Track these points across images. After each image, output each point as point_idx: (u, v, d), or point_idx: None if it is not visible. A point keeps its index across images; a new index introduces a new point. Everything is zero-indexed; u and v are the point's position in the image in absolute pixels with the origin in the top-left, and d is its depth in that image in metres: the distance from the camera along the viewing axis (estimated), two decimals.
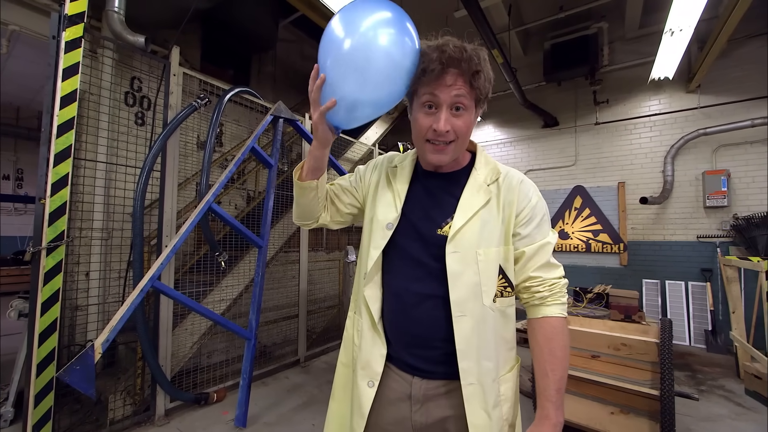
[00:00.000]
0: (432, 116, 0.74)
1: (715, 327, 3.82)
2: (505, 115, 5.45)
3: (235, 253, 2.93)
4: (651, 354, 1.80)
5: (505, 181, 0.80)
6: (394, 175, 0.88)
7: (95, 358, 1.61)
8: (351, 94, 0.73)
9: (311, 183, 0.84)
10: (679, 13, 2.86)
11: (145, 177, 2.12)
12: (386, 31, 0.71)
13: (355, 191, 0.94)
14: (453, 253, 0.75)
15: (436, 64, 0.70)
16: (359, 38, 0.70)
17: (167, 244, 2.19)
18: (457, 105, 0.73)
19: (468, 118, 0.75)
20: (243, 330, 2.33)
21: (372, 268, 0.82)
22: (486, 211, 0.77)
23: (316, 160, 0.83)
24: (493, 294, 0.75)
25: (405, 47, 0.72)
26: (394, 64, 0.71)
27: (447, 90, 0.72)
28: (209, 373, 2.67)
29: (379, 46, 0.70)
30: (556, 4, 4.27)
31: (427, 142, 0.77)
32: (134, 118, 2.96)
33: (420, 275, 0.78)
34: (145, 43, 2.26)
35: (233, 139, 3.86)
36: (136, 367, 2.28)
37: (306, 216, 0.91)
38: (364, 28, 0.70)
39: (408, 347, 0.79)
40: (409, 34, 0.73)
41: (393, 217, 0.82)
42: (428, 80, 0.72)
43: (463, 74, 0.71)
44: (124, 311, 1.73)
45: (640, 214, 4.44)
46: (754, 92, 3.84)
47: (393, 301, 0.81)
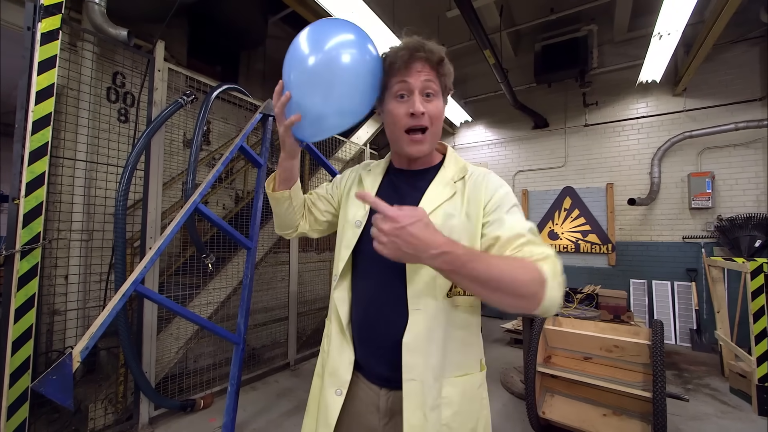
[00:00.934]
0: (405, 104, 0.75)
1: (699, 326, 3.90)
2: (496, 116, 5.47)
3: (223, 255, 2.85)
4: (643, 356, 1.81)
5: (472, 177, 0.80)
6: (367, 176, 0.89)
7: (73, 367, 1.53)
8: (314, 108, 0.76)
9: (284, 193, 0.87)
10: (668, 16, 2.90)
11: (128, 176, 2.03)
12: (348, 51, 0.74)
13: (331, 198, 0.95)
14: None
15: (404, 52, 0.74)
16: (323, 56, 0.73)
17: (151, 246, 2.11)
18: (427, 91, 0.76)
19: (439, 104, 0.77)
20: (231, 334, 2.26)
21: (343, 269, 0.81)
22: (450, 204, 0.76)
23: (286, 171, 0.86)
24: (447, 289, 0.72)
25: (365, 59, 0.75)
26: (356, 77, 0.75)
27: (417, 75, 0.74)
28: (196, 378, 2.59)
29: (341, 64, 0.73)
30: (547, 5, 4.29)
31: (406, 134, 0.77)
32: (117, 115, 2.85)
33: (386, 275, 0.76)
34: (128, 36, 2.17)
35: (221, 137, 3.76)
36: (119, 374, 2.19)
37: (284, 225, 0.93)
38: (328, 46, 0.74)
39: (375, 353, 0.77)
40: (368, 51, 0.77)
41: (361, 214, 0.82)
42: (398, 69, 0.75)
43: (429, 61, 0.75)
44: (104, 317, 1.65)
45: (627, 215, 4.50)
46: (737, 96, 3.93)
47: (360, 304, 0.80)
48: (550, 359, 2.11)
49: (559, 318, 2.25)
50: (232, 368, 2.25)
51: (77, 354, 1.54)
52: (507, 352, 3.69)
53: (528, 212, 5.15)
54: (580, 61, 4.40)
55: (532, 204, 5.15)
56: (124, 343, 2.01)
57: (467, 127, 5.70)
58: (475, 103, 5.52)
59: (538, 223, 5.07)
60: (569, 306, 3.01)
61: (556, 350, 2.12)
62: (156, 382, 2.30)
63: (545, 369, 1.99)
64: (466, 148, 5.70)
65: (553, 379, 2.04)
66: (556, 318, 2.23)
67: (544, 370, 1.99)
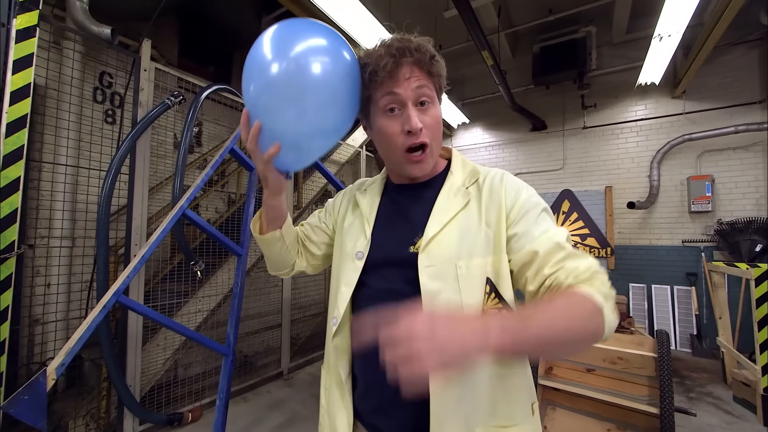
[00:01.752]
0: (398, 119, 0.63)
1: (700, 331, 3.85)
2: (494, 118, 5.41)
3: (214, 261, 2.76)
4: (648, 368, 1.74)
5: (486, 180, 0.68)
6: (362, 198, 0.77)
7: (48, 385, 1.44)
8: (290, 131, 0.63)
9: (274, 234, 0.75)
10: (669, 18, 2.85)
11: (111, 180, 1.94)
12: (318, 59, 0.62)
13: (325, 226, 0.84)
14: (427, 267, 0.61)
15: (387, 59, 0.61)
16: (288, 65, 0.61)
17: (136, 253, 2.02)
18: (421, 99, 0.63)
19: (436, 112, 0.66)
20: (220, 346, 2.16)
21: (345, 311, 0.69)
22: (465, 215, 0.64)
23: (274, 209, 0.73)
24: (479, 311, 0.60)
25: (339, 64, 0.63)
26: (332, 86, 0.62)
27: (406, 84, 0.62)
28: (185, 388, 2.49)
29: (310, 76, 0.61)
30: (545, 7, 4.24)
31: (405, 153, 0.65)
32: (103, 116, 2.75)
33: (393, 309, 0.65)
34: (112, 34, 2.08)
35: (213, 139, 3.67)
36: (101, 388, 2.09)
37: (279, 266, 0.82)
38: (294, 53, 0.61)
39: (379, 409, 0.65)
40: (340, 55, 0.64)
41: (362, 244, 0.70)
42: (382, 80, 0.62)
43: (418, 63, 0.62)
44: (83, 330, 1.56)
45: (626, 218, 4.45)
46: (737, 99, 3.89)
47: (363, 352, 0.66)
48: (552, 371, 2.04)
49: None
50: (221, 381, 2.15)
51: (52, 371, 1.45)
52: None
53: None
54: (579, 62, 4.35)
55: None
56: (106, 355, 1.92)
57: (465, 129, 5.64)
58: (472, 105, 5.45)
59: None
60: None
61: (557, 362, 2.05)
62: (142, 394, 2.21)
63: (547, 382, 1.92)
64: (463, 150, 5.63)
65: (555, 392, 1.96)
66: None
67: (546, 383, 1.92)
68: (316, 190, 3.72)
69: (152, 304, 2.36)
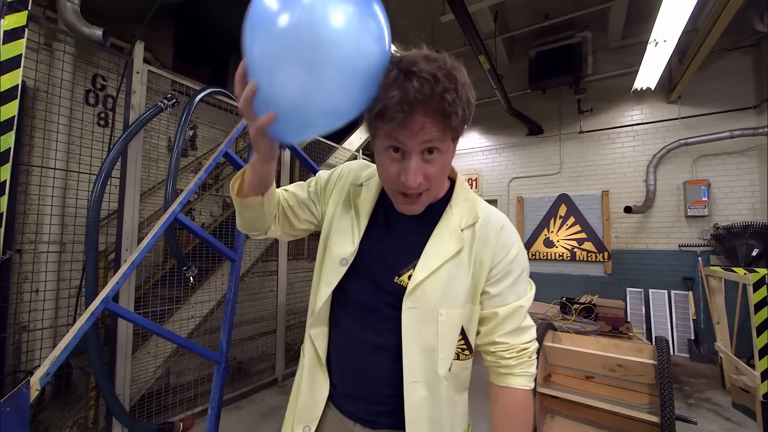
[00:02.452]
0: (399, 163, 0.59)
1: (697, 336, 3.84)
2: (491, 122, 5.42)
3: (207, 266, 2.71)
4: (648, 376, 1.71)
5: (483, 228, 0.67)
6: (357, 198, 0.74)
7: (31, 396, 1.39)
8: (290, 100, 0.53)
9: (255, 199, 0.68)
10: (664, 23, 2.86)
11: (101, 184, 1.89)
12: (343, 7, 0.49)
13: (313, 205, 0.80)
14: (410, 309, 0.64)
15: (397, 111, 0.53)
16: (301, 17, 0.48)
17: (126, 259, 1.97)
18: (429, 147, 0.58)
19: (443, 161, 0.61)
20: (212, 353, 2.12)
21: (321, 307, 0.71)
22: (455, 263, 0.65)
23: (260, 176, 0.66)
24: (450, 362, 0.66)
25: (367, 38, 0.51)
26: (353, 63, 0.51)
27: (414, 137, 0.56)
28: (178, 395, 2.43)
29: (331, 30, 0.48)
30: (541, 12, 4.27)
31: (398, 193, 0.64)
32: (96, 119, 2.71)
33: (372, 321, 0.68)
34: (104, 36, 2.04)
35: (209, 142, 3.63)
36: (89, 397, 2.03)
37: (252, 228, 0.76)
38: (307, 2, 0.48)
39: (353, 398, 0.71)
40: (376, 19, 0.52)
41: (348, 252, 0.69)
42: (390, 120, 0.55)
43: (429, 114, 0.55)
44: (69, 339, 1.51)
45: (623, 222, 4.45)
46: (731, 104, 3.92)
47: (341, 344, 0.72)
48: (550, 378, 2.01)
49: (558, 334, 2.15)
50: (214, 389, 2.11)
51: (36, 381, 1.40)
52: None
53: (523, 219, 5.09)
54: (575, 67, 4.37)
55: (527, 211, 5.09)
56: (95, 364, 1.86)
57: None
58: None
59: (534, 231, 5.00)
60: (568, 319, 2.92)
61: (556, 368, 2.02)
62: (132, 403, 2.15)
63: (545, 389, 1.89)
64: (460, 154, 5.63)
65: (553, 399, 1.93)
66: (555, 334, 2.13)
67: (545, 390, 1.89)
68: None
69: (143, 310, 2.30)
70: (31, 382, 1.38)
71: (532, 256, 4.91)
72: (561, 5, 4.11)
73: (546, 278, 4.82)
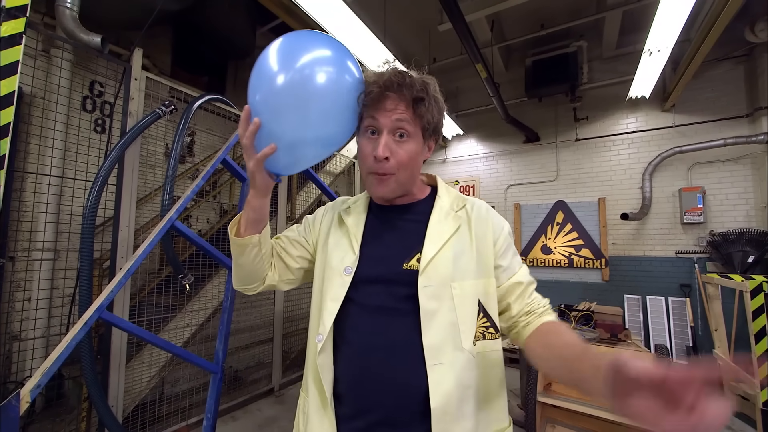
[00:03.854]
0: (373, 143, 0.68)
1: (695, 343, 3.83)
2: (488, 130, 5.46)
3: (203, 273, 2.69)
4: None
5: (473, 210, 0.74)
6: (347, 216, 0.78)
7: (21, 409, 1.35)
8: (289, 135, 0.65)
9: (252, 238, 0.70)
10: (658, 34, 2.91)
11: (97, 191, 1.88)
12: (324, 69, 0.66)
13: (305, 241, 0.81)
14: (426, 287, 0.65)
15: (375, 87, 0.67)
16: (294, 75, 0.64)
17: (122, 266, 1.95)
18: (399, 131, 0.67)
19: (411, 147, 0.68)
20: (208, 363, 2.08)
21: (330, 327, 0.67)
22: (457, 239, 0.70)
23: (256, 210, 0.70)
24: (473, 335, 0.65)
25: (344, 81, 0.67)
26: (334, 100, 0.66)
27: (387, 114, 0.67)
28: (172, 405, 2.39)
29: (316, 84, 0.65)
30: (537, 21, 4.33)
31: (371, 174, 0.70)
32: (93, 126, 2.70)
33: (386, 325, 0.66)
34: (102, 43, 2.04)
35: (206, 149, 3.62)
36: (81, 409, 1.99)
37: (249, 278, 0.75)
38: (300, 64, 0.64)
39: (374, 426, 0.63)
40: (348, 70, 0.69)
41: (351, 259, 0.71)
42: (369, 104, 0.68)
43: (403, 99, 0.67)
44: (62, 349, 1.48)
45: (620, 229, 4.47)
46: (725, 113, 3.97)
47: (349, 369, 0.66)
48: (551, 387, 1.99)
49: None
50: (209, 399, 2.07)
51: (26, 393, 1.37)
52: None
53: (520, 226, 5.10)
54: (570, 76, 4.42)
55: (524, 218, 5.10)
56: (87, 374, 1.82)
57: (459, 141, 5.67)
58: (466, 117, 5.50)
59: (531, 238, 5.01)
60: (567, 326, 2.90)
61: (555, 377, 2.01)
62: (125, 414, 2.11)
63: (546, 399, 1.87)
64: (458, 161, 5.65)
65: (554, 409, 1.91)
66: None
67: (545, 399, 1.87)
68: (310, 201, 3.68)
69: (138, 318, 2.27)
70: (22, 394, 1.35)
71: (530, 262, 4.91)
72: (556, 15, 4.17)
73: (544, 285, 4.82)
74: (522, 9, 3.83)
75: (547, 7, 4.06)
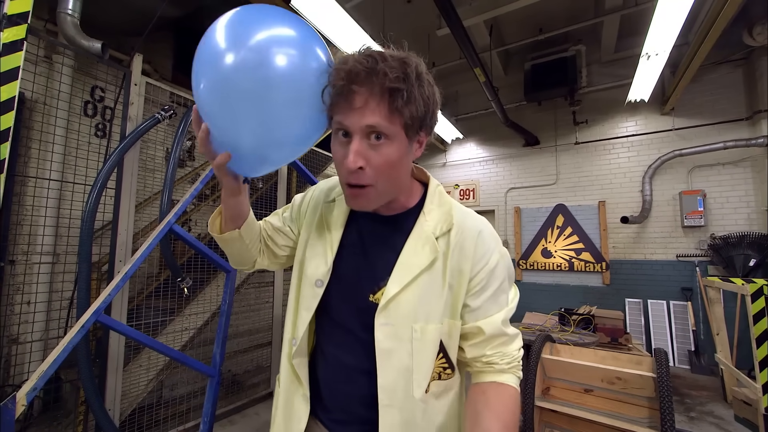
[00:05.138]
0: (345, 148, 0.56)
1: (698, 347, 3.80)
2: (487, 133, 5.47)
3: (202, 277, 2.69)
4: (648, 389, 1.69)
5: (459, 235, 0.63)
6: (329, 215, 0.72)
7: (17, 412, 1.35)
8: (243, 140, 0.55)
9: (232, 234, 0.69)
10: (655, 38, 2.92)
11: (96, 194, 1.89)
12: (286, 51, 0.53)
13: (290, 231, 0.79)
14: (384, 325, 0.61)
15: (338, 80, 0.53)
16: (247, 57, 0.51)
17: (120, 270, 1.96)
18: (375, 133, 0.54)
19: (391, 151, 0.55)
20: (205, 366, 2.08)
21: (303, 333, 0.68)
22: (428, 275, 0.62)
23: (231, 209, 0.67)
24: (427, 383, 0.62)
25: (309, 68, 0.55)
26: (298, 90, 0.54)
27: (356, 115, 0.53)
28: (170, 409, 2.38)
29: (276, 69, 0.52)
30: (536, 26, 4.35)
31: (345, 185, 0.59)
32: (94, 130, 2.72)
33: (351, 345, 0.66)
34: (102, 49, 2.07)
35: None
36: (78, 413, 1.98)
37: (240, 262, 0.78)
38: (254, 41, 0.51)
39: (343, 423, 0.68)
40: (314, 54, 0.56)
41: (322, 272, 0.67)
42: (334, 102, 0.55)
43: (375, 93, 0.52)
44: (58, 352, 1.48)
45: (620, 232, 4.46)
46: (724, 116, 3.97)
47: (326, 369, 0.69)
48: (549, 391, 1.98)
49: (557, 346, 2.13)
50: (206, 403, 2.06)
51: (22, 397, 1.37)
52: None
53: (520, 230, 5.08)
54: (569, 80, 4.44)
55: (524, 221, 5.09)
56: (84, 378, 1.82)
57: (459, 144, 5.69)
58: (466, 121, 5.52)
59: (531, 241, 5.00)
60: (566, 330, 2.89)
61: (555, 381, 1.99)
62: (122, 418, 2.10)
63: (544, 403, 1.86)
64: (457, 165, 5.66)
65: (552, 413, 1.90)
66: (554, 346, 2.11)
67: (543, 404, 1.85)
68: None
69: (136, 322, 2.27)
70: (17, 397, 1.35)
71: (530, 266, 4.90)
72: (555, 20, 4.20)
73: (544, 289, 4.80)
74: (520, 14, 3.86)
75: (546, 12, 4.08)
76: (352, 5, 3.54)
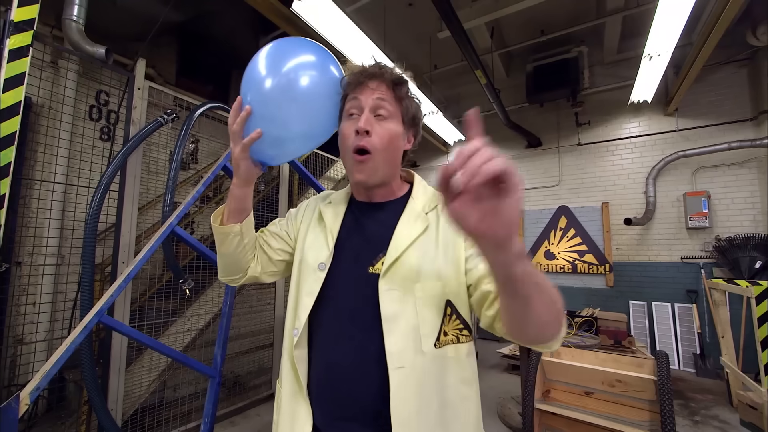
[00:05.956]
0: (355, 122, 0.69)
1: (703, 350, 3.75)
2: (489, 135, 5.37)
3: (204, 278, 2.71)
4: (648, 392, 1.67)
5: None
6: (327, 211, 0.78)
7: (20, 411, 1.38)
8: (275, 130, 0.71)
9: (233, 227, 0.73)
10: (658, 38, 2.91)
11: (100, 197, 1.92)
12: (308, 72, 0.72)
13: (286, 235, 0.82)
14: (387, 291, 0.64)
15: (358, 76, 0.70)
16: (280, 79, 0.70)
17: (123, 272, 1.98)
18: (379, 111, 0.69)
19: (390, 128, 0.69)
20: (206, 367, 2.10)
21: (304, 324, 0.70)
22: (424, 240, 0.68)
23: (238, 200, 0.73)
24: (435, 338, 0.62)
25: (326, 82, 0.73)
26: (317, 100, 0.72)
27: (369, 92, 0.69)
28: (172, 410, 2.40)
29: (300, 87, 0.71)
30: (537, 27, 4.35)
31: (352, 154, 0.69)
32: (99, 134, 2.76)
33: (355, 327, 0.66)
34: (106, 54, 2.10)
35: (210, 155, 3.68)
36: (81, 413, 2.01)
37: (232, 269, 0.78)
38: (286, 68, 0.71)
39: (338, 420, 0.65)
40: (329, 72, 0.75)
41: (325, 255, 0.72)
42: (352, 88, 0.71)
43: (384, 81, 0.70)
44: (61, 352, 1.50)
45: (624, 234, 4.42)
46: (728, 116, 3.93)
47: (321, 363, 0.68)
48: (549, 394, 1.97)
49: (558, 348, 2.12)
50: (207, 404, 2.08)
51: (26, 396, 1.39)
52: (504, 380, 3.51)
53: (523, 231, 5.07)
54: (572, 81, 4.42)
55: (527, 223, 5.07)
56: (87, 378, 1.85)
57: (461, 146, 5.67)
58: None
59: (534, 243, 4.97)
60: (568, 332, 2.87)
61: (555, 383, 1.98)
62: (125, 418, 2.12)
63: (544, 406, 1.85)
64: None
65: (552, 416, 1.89)
66: None
67: (543, 407, 1.84)
68: None
69: (139, 323, 2.30)
70: (21, 397, 1.37)
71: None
72: (556, 21, 4.19)
73: None
74: (522, 16, 3.86)
75: (547, 14, 4.08)
76: (354, 9, 3.56)
